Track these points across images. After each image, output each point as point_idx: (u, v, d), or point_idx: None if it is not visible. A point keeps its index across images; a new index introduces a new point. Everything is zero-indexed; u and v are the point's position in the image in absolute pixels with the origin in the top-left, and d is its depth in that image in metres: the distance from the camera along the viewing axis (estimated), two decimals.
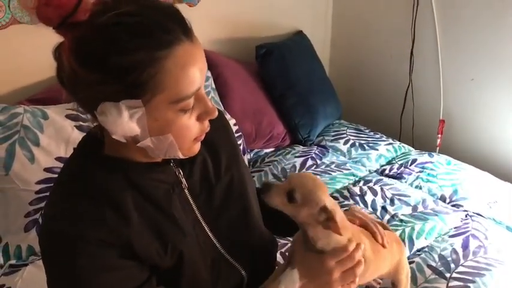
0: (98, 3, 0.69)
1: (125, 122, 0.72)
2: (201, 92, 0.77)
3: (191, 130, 0.79)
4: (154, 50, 0.69)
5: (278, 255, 1.19)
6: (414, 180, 2.02)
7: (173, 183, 0.88)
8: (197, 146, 0.84)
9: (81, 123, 1.67)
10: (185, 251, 0.85)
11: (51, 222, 0.79)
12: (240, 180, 0.99)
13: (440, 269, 1.49)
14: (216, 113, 0.80)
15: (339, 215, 0.92)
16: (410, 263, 1.49)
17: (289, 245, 1.15)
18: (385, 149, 2.27)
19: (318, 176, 2.04)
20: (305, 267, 0.93)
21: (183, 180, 0.89)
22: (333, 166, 2.11)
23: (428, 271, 1.49)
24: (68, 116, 1.67)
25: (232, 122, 2.08)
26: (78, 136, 1.63)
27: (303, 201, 0.91)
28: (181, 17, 0.73)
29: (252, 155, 2.27)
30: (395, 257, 1.11)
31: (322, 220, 0.91)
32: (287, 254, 1.10)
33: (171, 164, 0.88)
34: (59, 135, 1.61)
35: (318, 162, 2.14)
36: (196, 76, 0.74)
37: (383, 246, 1.04)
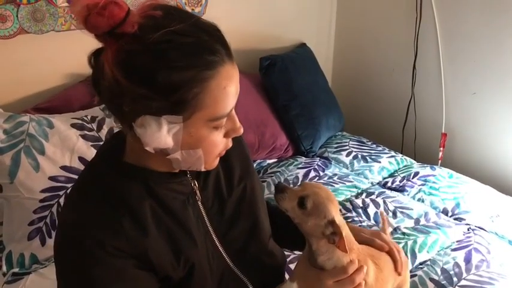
0: (148, 17, 0.70)
1: (163, 136, 0.73)
2: (233, 111, 0.80)
3: (219, 146, 0.81)
4: (201, 70, 0.71)
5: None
6: (416, 193, 2.02)
7: (189, 194, 0.88)
8: (217, 161, 0.86)
9: (86, 132, 1.68)
10: (196, 263, 0.85)
11: (70, 228, 0.79)
12: (251, 193, 0.99)
13: (442, 282, 1.49)
14: (242, 130, 0.82)
15: (346, 233, 0.92)
16: (412, 276, 1.49)
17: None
18: (388, 162, 2.28)
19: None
20: (304, 282, 0.93)
21: (198, 192, 0.90)
22: (335, 178, 2.11)
23: (430, 285, 1.49)
24: (73, 125, 1.68)
25: None
26: (83, 145, 1.65)
27: (312, 210, 0.91)
28: (224, 38, 0.75)
29: (254, 165, 2.27)
30: (398, 279, 1.09)
31: (327, 234, 0.91)
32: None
33: (188, 176, 0.89)
34: (64, 144, 1.62)
35: (321, 173, 2.14)
36: (233, 97, 0.77)
37: (399, 274, 1.03)
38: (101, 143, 1.65)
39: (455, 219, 1.86)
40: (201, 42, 0.72)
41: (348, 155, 2.33)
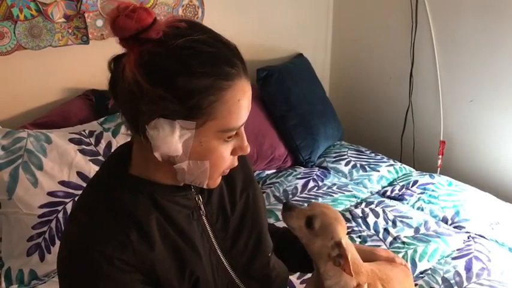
0: (172, 27, 0.73)
1: (174, 141, 0.74)
2: (242, 128, 0.81)
3: (225, 161, 0.82)
4: (219, 80, 0.73)
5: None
6: (416, 202, 2.02)
7: (193, 209, 0.88)
8: (219, 179, 0.86)
9: (84, 147, 1.68)
10: (201, 277, 0.85)
11: (75, 242, 0.79)
12: (254, 205, 0.99)
13: None
14: (249, 150, 0.83)
15: (353, 256, 0.91)
16: None
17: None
18: (387, 170, 2.28)
19: (320, 198, 2.08)
20: None
21: (202, 206, 0.90)
22: (334, 188, 2.11)
23: None
24: (71, 140, 1.68)
25: None
26: (81, 160, 1.65)
27: (320, 230, 0.91)
28: (241, 55, 0.78)
29: None
30: None
31: (334, 256, 0.90)
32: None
33: (192, 190, 0.89)
34: (62, 159, 1.62)
35: (320, 183, 2.14)
36: (246, 111, 0.79)
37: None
38: (99, 157, 1.66)
39: (455, 227, 1.85)
40: (221, 53, 0.75)
41: (346, 164, 2.33)
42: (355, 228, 1.80)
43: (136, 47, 0.72)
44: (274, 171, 2.33)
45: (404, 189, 2.11)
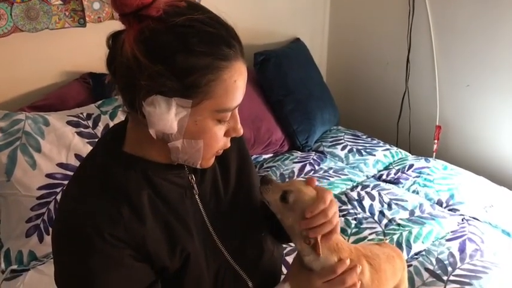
0: (173, 5, 0.74)
1: (170, 118, 0.75)
2: (237, 110, 0.82)
3: (218, 142, 0.83)
4: (217, 60, 0.74)
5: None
6: (411, 185, 2.04)
7: (186, 187, 0.89)
8: (213, 160, 0.87)
9: (82, 129, 1.69)
10: (192, 254, 0.86)
11: (69, 216, 0.80)
12: (248, 190, 1.00)
13: (437, 272, 1.51)
14: (242, 131, 0.85)
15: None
16: (407, 266, 1.50)
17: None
18: (383, 155, 2.29)
19: (316, 182, 2.08)
20: (296, 283, 0.94)
21: (195, 186, 0.91)
22: (330, 172, 2.13)
23: (425, 274, 1.50)
24: (69, 123, 1.69)
25: None
26: (79, 142, 1.65)
27: (293, 206, 0.90)
28: (239, 37, 0.79)
29: None
30: (397, 276, 1.08)
31: (304, 234, 0.89)
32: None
33: (186, 169, 0.90)
34: (60, 141, 1.63)
35: (316, 167, 2.16)
36: (241, 93, 0.80)
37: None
38: (97, 140, 1.66)
39: (449, 210, 1.88)
40: (220, 34, 0.75)
41: (343, 148, 2.35)
42: (351, 211, 1.82)
43: (136, 23, 0.73)
44: (271, 155, 2.34)
45: (400, 173, 2.13)
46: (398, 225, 1.73)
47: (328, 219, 0.88)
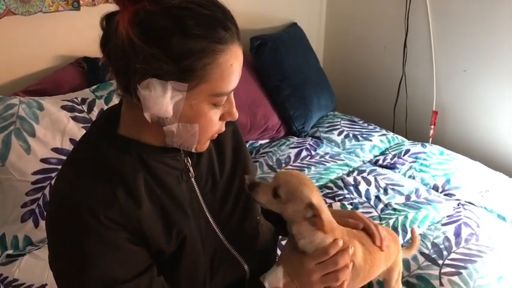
0: None
1: (166, 102, 0.74)
2: (232, 93, 0.81)
3: (214, 126, 0.82)
4: (213, 43, 0.73)
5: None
6: (407, 170, 2.04)
7: (182, 170, 0.89)
8: (208, 144, 0.87)
9: (76, 114, 1.68)
10: (188, 237, 0.86)
11: (64, 198, 0.79)
12: (243, 174, 0.99)
13: (433, 256, 1.52)
14: (237, 116, 0.84)
15: (325, 214, 0.92)
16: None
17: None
18: (379, 140, 2.29)
19: (312, 167, 2.09)
20: (289, 266, 0.94)
21: (191, 168, 0.91)
22: (327, 157, 2.12)
23: (421, 258, 1.51)
24: (63, 107, 1.67)
25: None
26: (73, 127, 1.64)
27: (287, 197, 0.91)
28: (235, 21, 0.78)
29: (247, 146, 2.28)
30: (391, 258, 1.09)
31: (308, 217, 0.91)
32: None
33: (181, 152, 0.89)
34: (54, 126, 1.62)
35: (313, 153, 2.15)
36: (237, 76, 0.79)
37: (381, 249, 1.01)
38: (91, 123, 1.66)
39: (445, 194, 1.88)
40: (216, 17, 0.74)
41: (339, 134, 2.35)
42: (347, 196, 1.82)
43: (130, 5, 0.71)
44: (267, 141, 2.34)
45: (396, 158, 2.13)
46: (394, 210, 1.74)
47: None
